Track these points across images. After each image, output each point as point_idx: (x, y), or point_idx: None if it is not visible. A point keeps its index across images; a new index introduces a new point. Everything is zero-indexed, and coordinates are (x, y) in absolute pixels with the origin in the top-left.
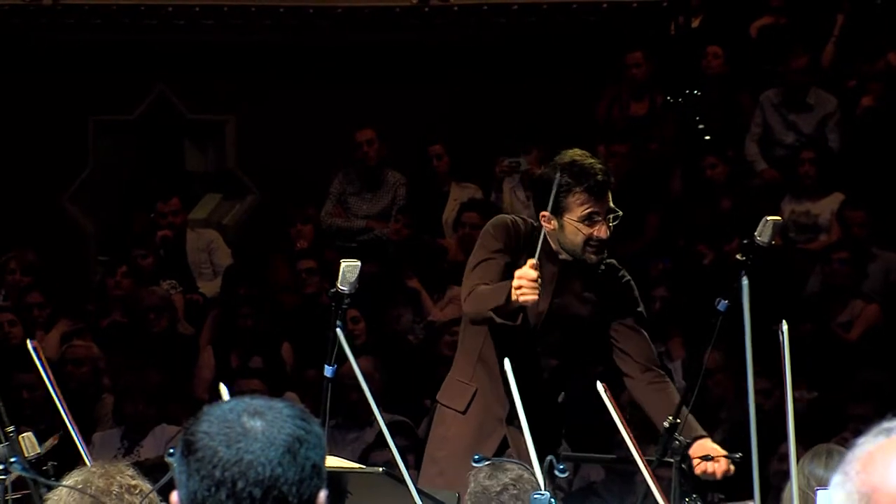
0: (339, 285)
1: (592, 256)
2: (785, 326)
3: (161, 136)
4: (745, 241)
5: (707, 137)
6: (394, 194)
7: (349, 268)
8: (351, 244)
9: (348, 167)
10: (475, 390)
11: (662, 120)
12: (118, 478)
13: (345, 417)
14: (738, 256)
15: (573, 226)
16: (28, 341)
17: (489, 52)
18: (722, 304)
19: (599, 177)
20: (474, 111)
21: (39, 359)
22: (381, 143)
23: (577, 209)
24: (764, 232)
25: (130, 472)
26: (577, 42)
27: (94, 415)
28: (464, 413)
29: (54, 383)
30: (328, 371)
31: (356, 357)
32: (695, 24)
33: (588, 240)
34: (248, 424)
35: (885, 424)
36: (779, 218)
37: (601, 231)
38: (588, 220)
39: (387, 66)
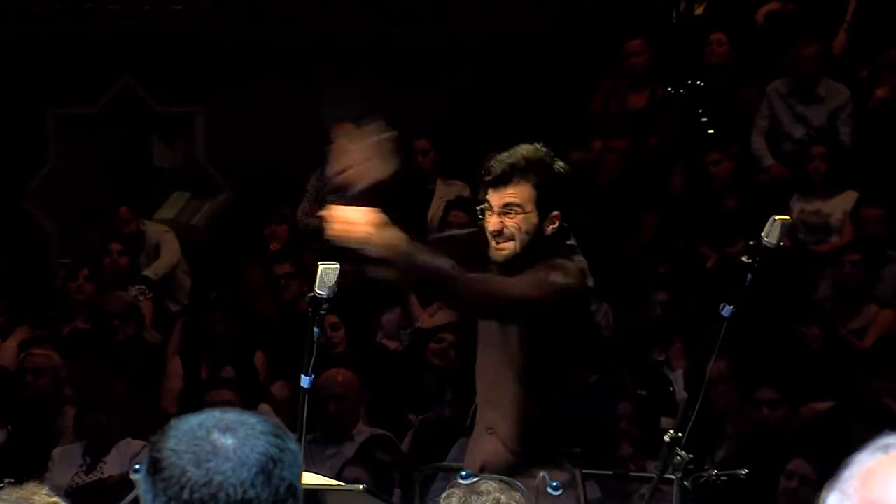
0: (316, 289)
1: (495, 251)
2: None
3: (126, 130)
4: (750, 243)
5: (710, 131)
6: None
7: (328, 271)
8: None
9: (326, 163)
10: (475, 405)
11: (663, 113)
12: (35, 498)
13: (323, 431)
14: (743, 259)
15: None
16: None
17: (478, 40)
18: (726, 310)
19: (496, 167)
20: (462, 103)
21: None
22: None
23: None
24: (771, 233)
25: (46, 490)
26: (571, 29)
27: (55, 428)
28: (471, 431)
29: None
30: (305, 381)
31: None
32: (698, 10)
33: (491, 233)
34: (219, 442)
35: (884, 440)
36: (787, 218)
37: (490, 222)
38: (489, 210)
39: (368, 56)
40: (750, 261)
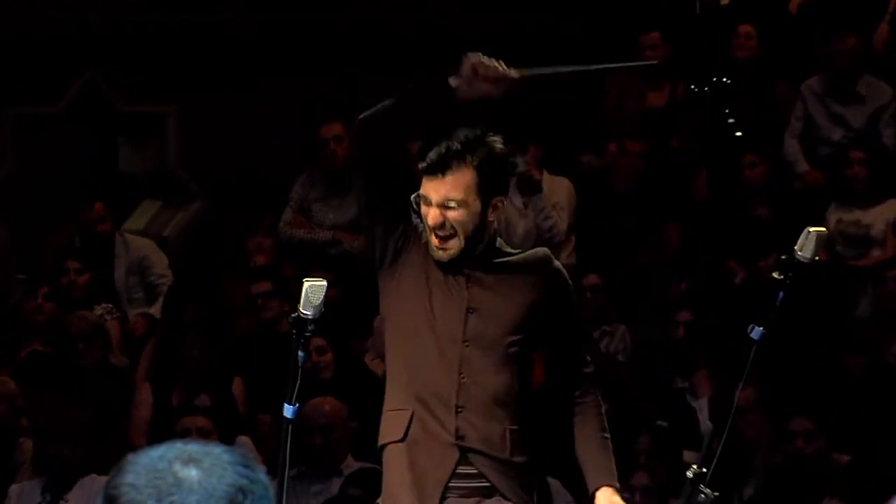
0: (301, 309)
1: (437, 251)
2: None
3: (91, 131)
4: (783, 257)
5: (738, 134)
6: None
7: (313, 288)
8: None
9: (312, 168)
10: (411, 414)
11: (685, 113)
12: None
13: (308, 465)
14: (775, 274)
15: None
16: None
17: (477, 31)
18: (756, 332)
19: (431, 156)
20: (461, 103)
21: None
22: (350, 141)
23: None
24: (806, 246)
25: None
26: (583, 21)
27: (11, 463)
28: (403, 440)
29: None
30: (288, 411)
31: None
32: None
33: (431, 227)
34: (182, 474)
35: None
36: (823, 229)
37: (428, 216)
38: (424, 202)
39: (359, 50)
40: (782, 277)
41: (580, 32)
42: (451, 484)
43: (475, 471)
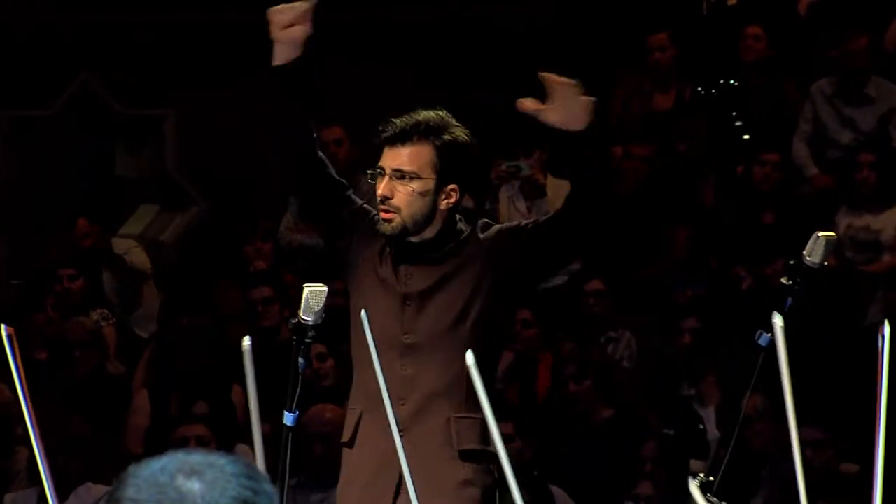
0: (301, 315)
1: (381, 223)
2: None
3: (86, 135)
4: (791, 263)
5: (746, 137)
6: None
7: (314, 294)
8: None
9: None
10: (360, 414)
11: (692, 115)
12: None
13: (308, 475)
14: (783, 280)
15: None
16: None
17: (483, 33)
18: (764, 339)
19: (396, 124)
20: (465, 105)
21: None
22: (351, 144)
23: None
24: (815, 251)
25: None
26: (589, 21)
27: (6, 471)
28: (350, 445)
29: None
30: (288, 419)
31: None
32: (732, 0)
33: (379, 197)
34: (185, 487)
35: None
36: (833, 234)
37: (379, 186)
38: (378, 173)
39: (360, 50)
40: (791, 283)
41: (588, 33)
42: (400, 482)
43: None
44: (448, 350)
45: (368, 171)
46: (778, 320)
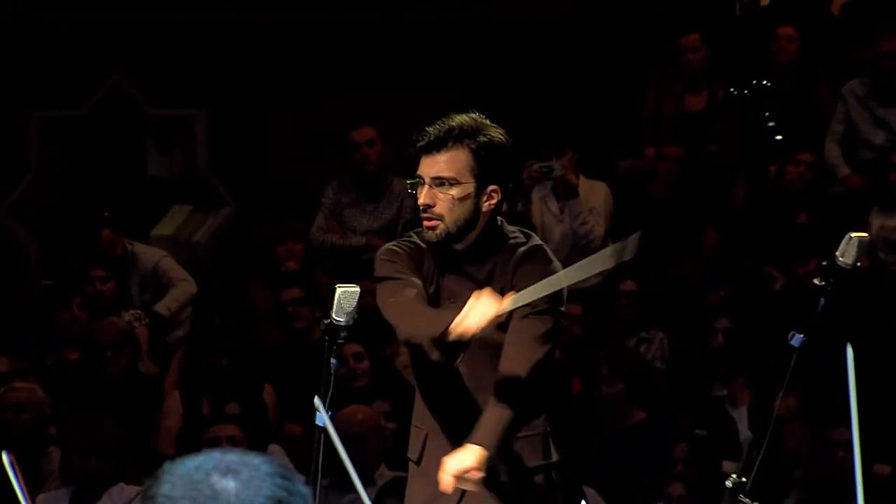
0: (333, 315)
1: (427, 231)
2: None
3: (117, 135)
4: (824, 263)
5: (778, 137)
6: (399, 206)
7: (346, 294)
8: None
9: (344, 173)
10: (426, 434)
11: (724, 116)
12: None
13: (339, 476)
14: (815, 281)
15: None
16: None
17: (514, 33)
18: (796, 339)
19: (430, 132)
20: (497, 105)
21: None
22: (383, 145)
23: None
24: (847, 252)
25: None
26: (621, 22)
27: (38, 472)
28: (417, 464)
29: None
30: (320, 419)
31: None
32: (764, 1)
33: (421, 206)
34: (219, 485)
35: None
36: (865, 235)
37: (420, 195)
38: (417, 182)
39: (392, 52)
40: (823, 283)
41: (621, 34)
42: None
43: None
44: (493, 367)
45: (408, 182)
46: (850, 351)
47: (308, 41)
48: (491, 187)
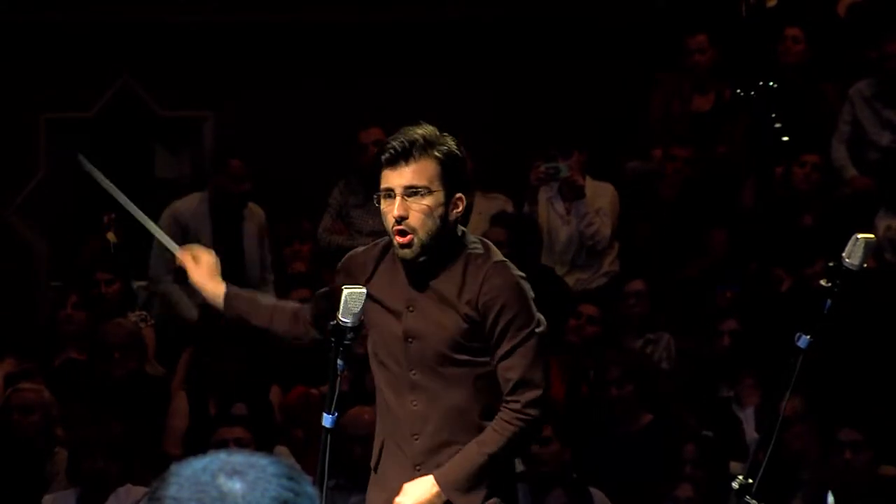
0: (340, 316)
1: (400, 250)
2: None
3: (126, 137)
4: (830, 265)
5: (785, 138)
6: None
7: (352, 296)
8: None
9: (351, 174)
10: (382, 442)
11: (731, 117)
12: None
13: (347, 477)
14: (822, 282)
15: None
16: None
17: (521, 33)
18: (803, 340)
19: (394, 145)
20: (504, 106)
21: None
22: None
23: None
24: (854, 253)
25: None
26: (628, 23)
27: (45, 473)
28: (375, 471)
29: None
30: (327, 420)
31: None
32: (771, 2)
33: (396, 218)
34: (226, 487)
35: None
36: (872, 236)
37: (392, 208)
38: (386, 196)
39: (398, 51)
40: (830, 285)
41: (628, 35)
42: None
43: None
44: (453, 379)
45: (374, 196)
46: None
47: (317, 42)
48: (457, 195)
